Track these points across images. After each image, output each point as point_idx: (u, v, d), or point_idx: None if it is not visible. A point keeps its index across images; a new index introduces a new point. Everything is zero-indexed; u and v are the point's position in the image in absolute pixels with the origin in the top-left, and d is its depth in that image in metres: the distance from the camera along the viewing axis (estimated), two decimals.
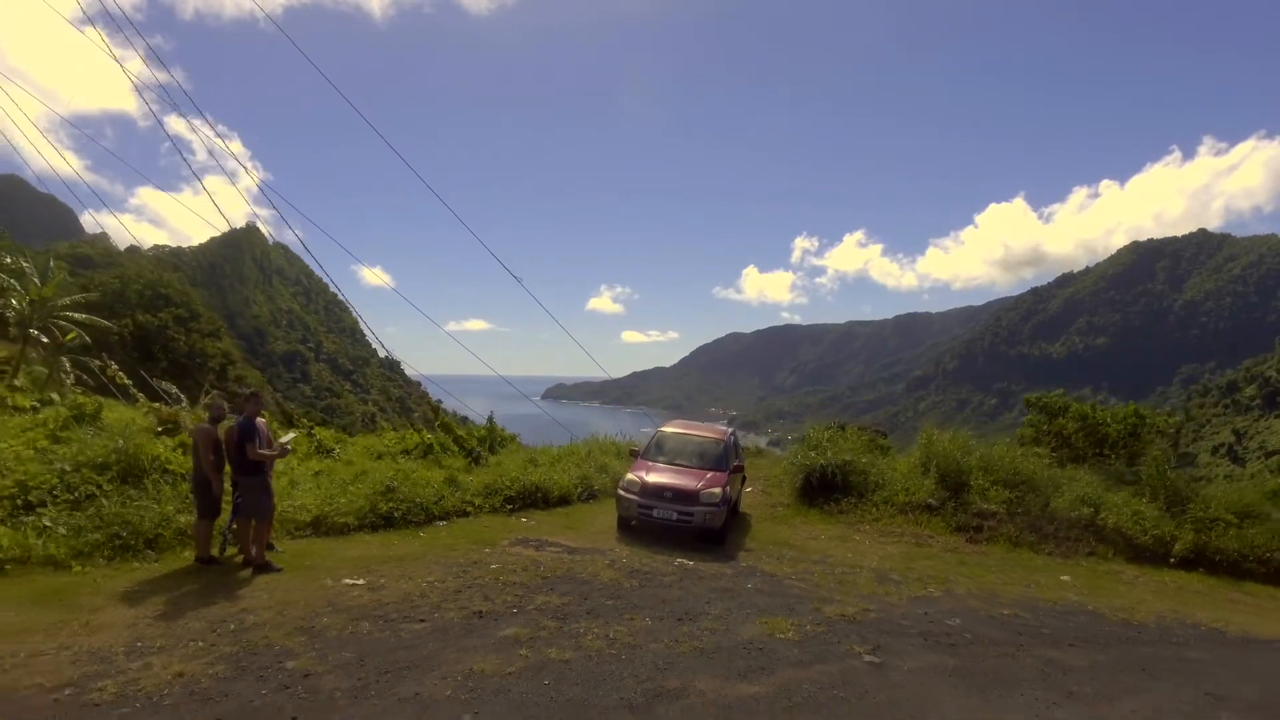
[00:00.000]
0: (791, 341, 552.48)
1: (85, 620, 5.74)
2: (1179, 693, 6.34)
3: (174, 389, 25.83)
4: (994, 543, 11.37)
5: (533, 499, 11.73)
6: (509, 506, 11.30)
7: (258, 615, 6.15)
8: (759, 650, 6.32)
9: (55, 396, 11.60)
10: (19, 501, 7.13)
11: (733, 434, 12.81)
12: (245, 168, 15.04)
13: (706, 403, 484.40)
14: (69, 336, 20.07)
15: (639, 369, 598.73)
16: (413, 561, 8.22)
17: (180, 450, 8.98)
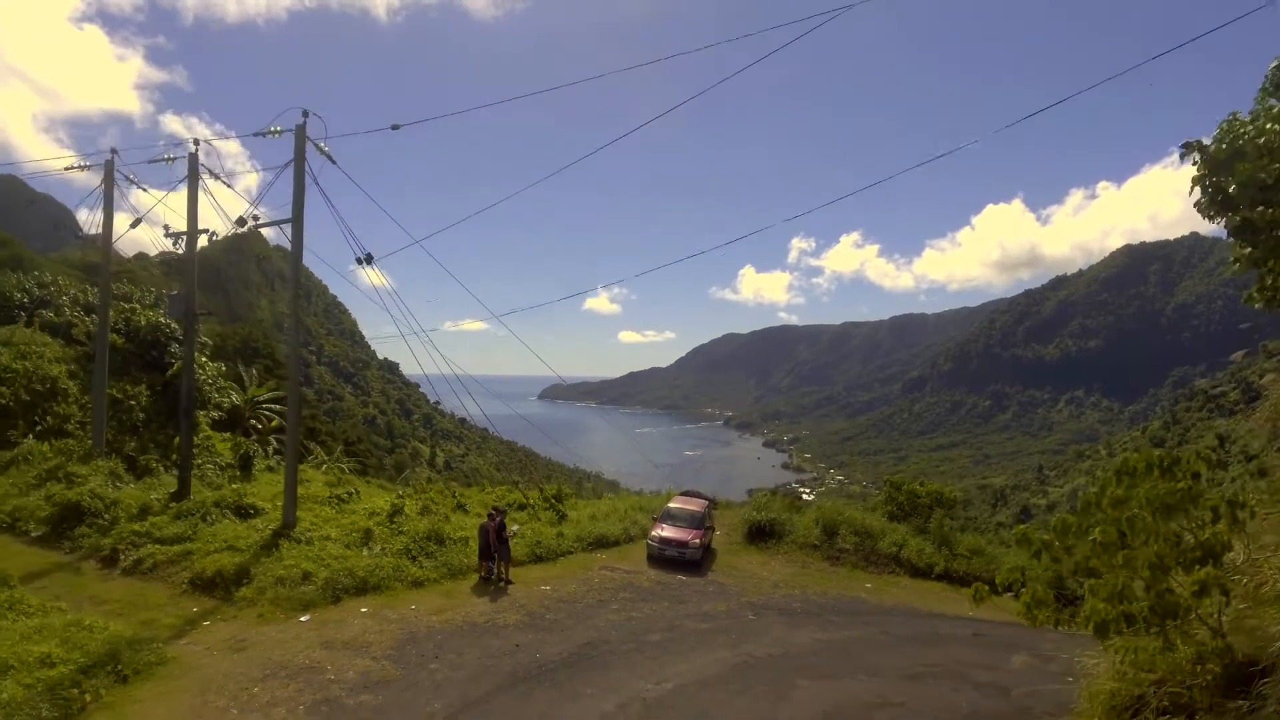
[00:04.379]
0: (788, 342, 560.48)
1: (465, 601, 16.01)
2: (871, 629, 16.61)
3: (315, 447, 36.23)
4: (843, 566, 21.64)
5: (600, 543, 21.97)
6: (590, 548, 21.57)
7: (523, 601, 16.40)
8: (710, 614, 16.60)
9: (356, 490, 21.84)
10: (407, 555, 17.38)
11: (709, 504, 23.10)
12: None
13: (703, 403, 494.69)
14: (273, 423, 30.30)
15: (635, 369, 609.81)
16: (560, 579, 18.49)
17: (447, 520, 19.34)
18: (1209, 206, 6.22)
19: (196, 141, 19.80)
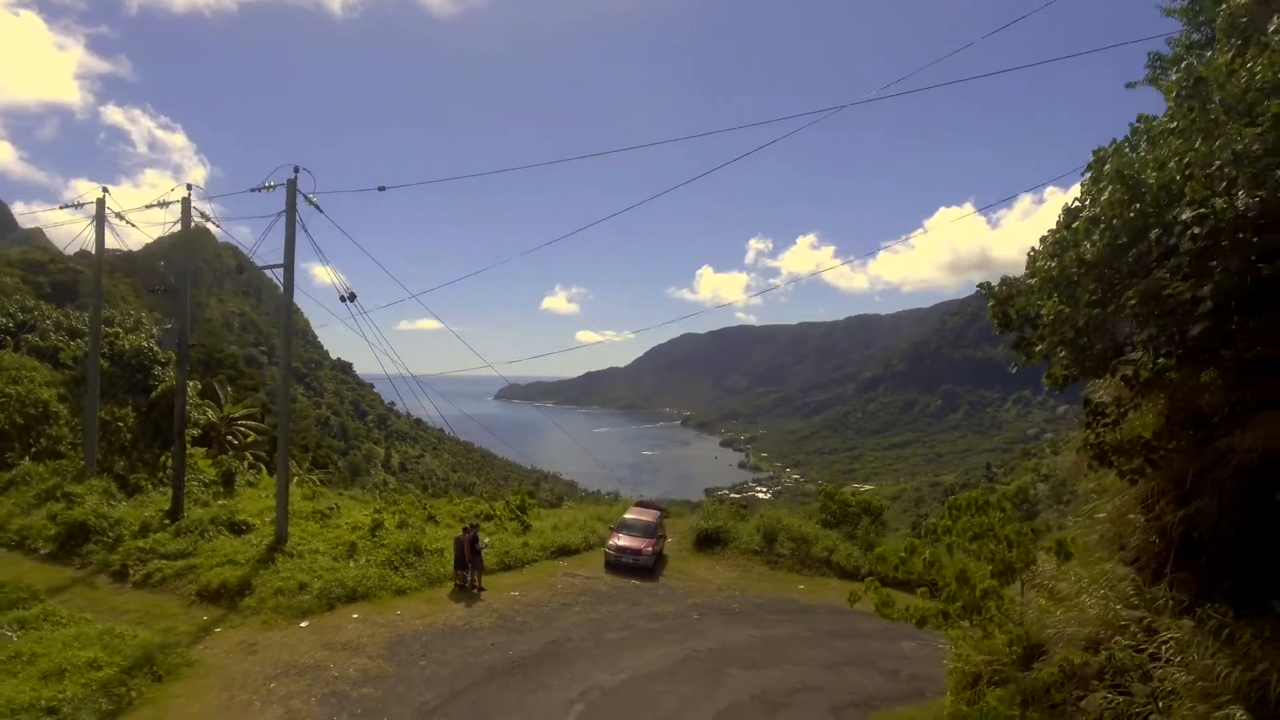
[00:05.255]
0: (745, 342, 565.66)
1: (444, 607, 18.11)
2: (799, 625, 19.19)
3: (295, 465, 37.41)
4: (781, 570, 24.24)
5: (562, 551, 24.18)
6: (553, 556, 23.76)
7: (495, 606, 18.56)
8: (660, 615, 19.00)
9: (336, 505, 23.65)
10: (390, 566, 19.39)
11: (661, 515, 25.50)
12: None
13: (661, 404, 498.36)
14: (249, 439, 31.81)
15: (594, 369, 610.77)
16: (528, 585, 20.68)
17: (423, 533, 21.36)
18: (997, 327, 8.80)
19: (189, 186, 21.45)
